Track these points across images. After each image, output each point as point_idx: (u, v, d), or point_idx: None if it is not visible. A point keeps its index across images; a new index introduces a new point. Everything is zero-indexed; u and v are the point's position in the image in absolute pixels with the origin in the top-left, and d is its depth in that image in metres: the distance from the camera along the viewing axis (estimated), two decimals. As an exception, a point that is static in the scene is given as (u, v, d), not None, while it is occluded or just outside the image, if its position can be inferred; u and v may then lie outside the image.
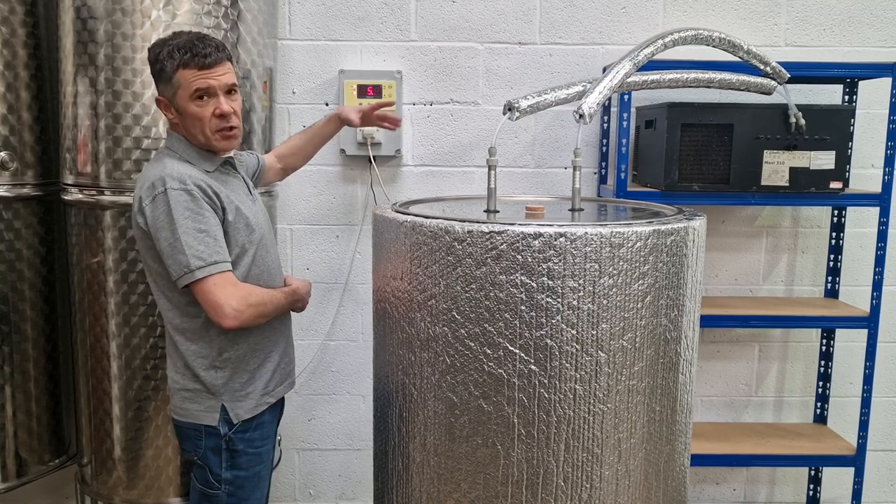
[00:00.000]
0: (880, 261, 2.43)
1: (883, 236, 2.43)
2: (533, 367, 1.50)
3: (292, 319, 1.99)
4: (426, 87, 2.67)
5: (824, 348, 2.77)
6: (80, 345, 2.27)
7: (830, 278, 2.73)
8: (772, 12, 2.66)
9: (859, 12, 2.65)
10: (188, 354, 1.77)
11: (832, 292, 2.73)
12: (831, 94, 2.67)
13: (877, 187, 2.42)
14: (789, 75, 2.28)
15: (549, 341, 1.49)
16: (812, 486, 2.84)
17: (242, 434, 1.81)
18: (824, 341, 2.77)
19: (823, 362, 2.77)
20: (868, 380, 2.47)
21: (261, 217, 1.87)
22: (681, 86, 2.17)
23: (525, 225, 1.49)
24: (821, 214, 2.76)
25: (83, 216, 2.21)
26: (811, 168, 2.36)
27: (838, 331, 2.74)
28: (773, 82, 2.27)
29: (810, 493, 2.84)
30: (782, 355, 2.84)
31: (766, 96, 2.30)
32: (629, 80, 2.03)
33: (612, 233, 1.48)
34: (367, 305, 2.76)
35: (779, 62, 2.26)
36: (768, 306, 2.60)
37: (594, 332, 1.50)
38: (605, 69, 2.12)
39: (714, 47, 2.14)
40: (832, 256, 2.71)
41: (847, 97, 2.60)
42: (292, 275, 2.72)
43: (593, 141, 2.72)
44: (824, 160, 2.36)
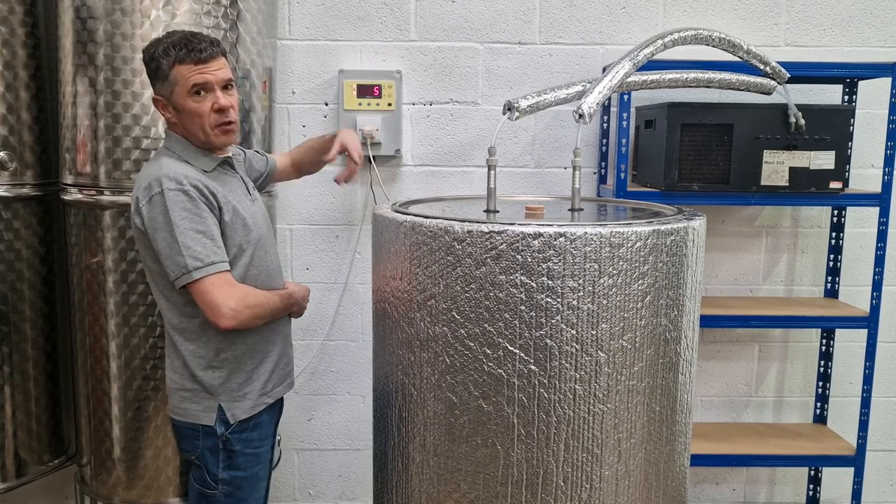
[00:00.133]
0: (880, 261, 2.43)
1: (883, 236, 2.43)
2: (533, 367, 1.50)
3: (292, 320, 1.98)
4: (426, 86, 2.66)
5: (824, 348, 2.77)
6: (80, 345, 2.27)
7: (830, 278, 2.73)
8: (772, 12, 2.66)
9: (859, 12, 2.65)
10: (186, 354, 1.77)
11: (832, 292, 2.73)
12: (831, 94, 2.67)
13: (877, 187, 2.42)
14: (789, 75, 2.28)
15: (548, 341, 1.49)
16: (812, 486, 2.84)
17: (240, 434, 1.81)
18: (824, 341, 2.77)
19: (823, 362, 2.77)
20: (868, 380, 2.47)
21: (259, 217, 1.86)
22: (680, 86, 2.17)
23: (525, 225, 1.49)
24: (821, 214, 2.75)
25: (82, 216, 2.21)
26: (811, 168, 2.36)
27: (838, 331, 2.74)
28: (772, 82, 2.27)
29: (810, 493, 2.84)
30: (782, 355, 2.84)
31: (766, 96, 2.30)
32: (629, 79, 2.03)
33: (611, 233, 1.48)
34: (366, 305, 2.75)
35: (779, 62, 2.26)
36: (768, 306, 2.60)
37: (594, 332, 1.50)
38: (604, 69, 2.12)
39: (714, 47, 2.14)
40: (832, 256, 2.71)
41: (847, 97, 2.60)
42: (292, 274, 2.73)
43: (593, 141, 2.71)
44: (824, 160, 2.36)
